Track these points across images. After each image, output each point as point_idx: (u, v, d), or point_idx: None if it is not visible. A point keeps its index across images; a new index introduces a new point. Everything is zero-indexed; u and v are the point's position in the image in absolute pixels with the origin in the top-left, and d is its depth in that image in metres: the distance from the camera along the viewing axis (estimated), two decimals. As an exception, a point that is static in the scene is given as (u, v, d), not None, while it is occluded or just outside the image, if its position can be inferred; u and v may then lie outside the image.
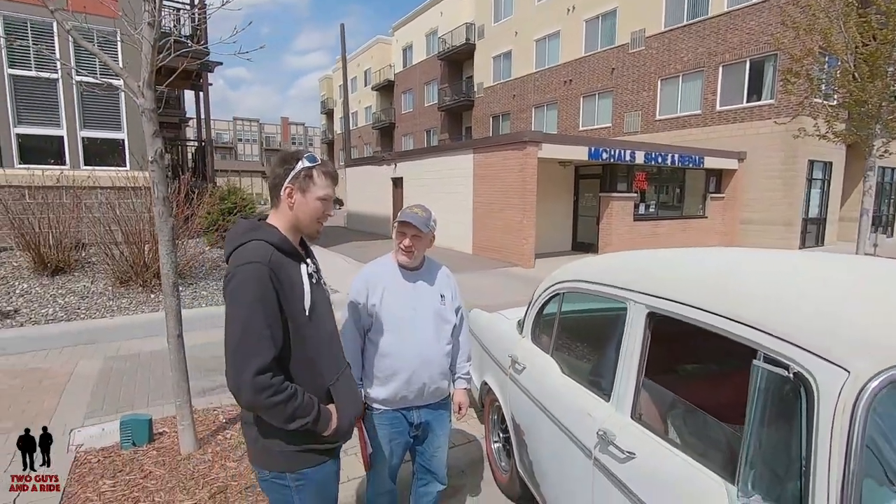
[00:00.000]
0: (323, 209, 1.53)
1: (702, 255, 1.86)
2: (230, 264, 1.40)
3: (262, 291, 1.34)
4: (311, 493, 1.48)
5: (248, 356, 1.30)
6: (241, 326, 1.31)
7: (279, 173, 1.49)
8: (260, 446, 1.45)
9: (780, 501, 1.12)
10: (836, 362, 1.08)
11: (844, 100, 9.23)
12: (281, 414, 1.35)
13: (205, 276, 6.72)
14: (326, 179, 1.52)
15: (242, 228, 1.47)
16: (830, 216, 15.48)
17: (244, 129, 70.04)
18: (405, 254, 2.00)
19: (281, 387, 1.34)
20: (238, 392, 1.32)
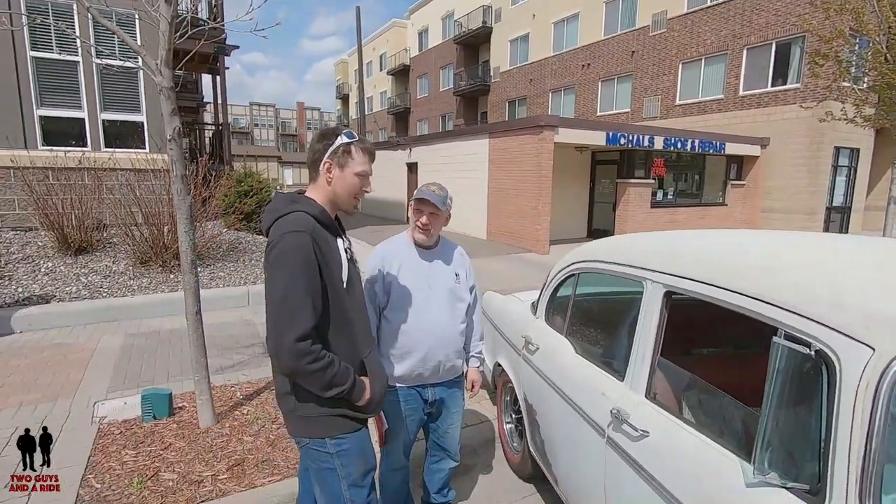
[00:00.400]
0: (360, 185, 1.56)
1: (720, 235, 1.82)
2: (272, 233, 1.43)
3: (305, 259, 1.37)
4: (351, 458, 1.52)
5: (290, 322, 1.34)
6: (283, 293, 1.35)
7: (318, 149, 1.53)
8: (298, 415, 1.49)
9: (797, 480, 1.10)
10: (861, 340, 1.05)
11: (875, 82, 8.90)
12: (319, 380, 1.39)
13: (222, 257, 6.81)
14: (364, 155, 1.55)
15: (283, 200, 1.51)
16: (856, 205, 15.04)
17: (260, 114, 70.35)
18: (422, 231, 2.00)
19: (320, 354, 1.37)
20: (278, 356, 1.35)
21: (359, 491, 1.54)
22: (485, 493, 2.70)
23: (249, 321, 5.36)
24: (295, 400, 1.47)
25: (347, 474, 1.51)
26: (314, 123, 74.65)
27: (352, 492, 1.52)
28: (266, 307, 1.40)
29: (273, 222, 1.45)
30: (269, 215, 1.48)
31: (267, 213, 1.50)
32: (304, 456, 1.58)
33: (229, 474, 2.59)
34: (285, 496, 2.45)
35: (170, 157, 2.70)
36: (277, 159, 42.57)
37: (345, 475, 1.51)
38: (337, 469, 1.50)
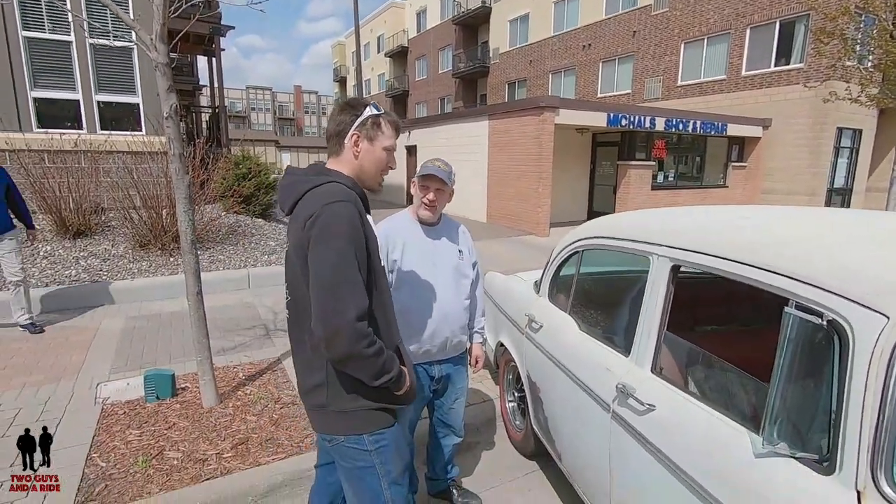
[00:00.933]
0: (387, 160, 1.47)
1: (728, 209, 1.80)
2: (310, 204, 1.28)
3: (354, 231, 1.25)
4: (390, 454, 1.40)
5: (347, 299, 1.20)
6: (335, 268, 1.21)
7: (344, 120, 1.41)
8: (332, 410, 1.35)
9: (806, 450, 1.10)
10: (876, 308, 1.03)
11: (880, 61, 8.78)
12: (373, 366, 1.26)
13: (221, 241, 6.78)
14: (392, 129, 1.46)
15: (308, 172, 1.39)
16: (857, 186, 14.97)
17: (257, 97, 69.55)
18: (428, 208, 1.98)
19: (374, 338, 1.25)
20: (335, 338, 1.19)
21: (399, 489, 1.42)
22: (488, 470, 2.72)
23: (250, 304, 5.35)
24: (329, 393, 1.33)
25: (387, 472, 1.39)
26: (311, 107, 73.89)
27: (393, 490, 1.40)
28: (312, 287, 1.24)
29: (303, 195, 1.32)
30: (291, 189, 1.35)
31: (288, 188, 1.36)
32: (334, 453, 1.42)
33: (233, 453, 2.60)
34: (290, 474, 2.46)
35: (167, 135, 2.65)
36: (275, 143, 42.22)
37: (384, 473, 1.38)
38: (376, 467, 1.37)
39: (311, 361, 1.36)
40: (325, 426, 1.39)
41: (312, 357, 1.36)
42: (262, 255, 6.63)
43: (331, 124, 1.45)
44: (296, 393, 3.26)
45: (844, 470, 1.01)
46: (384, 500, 1.40)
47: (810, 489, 1.05)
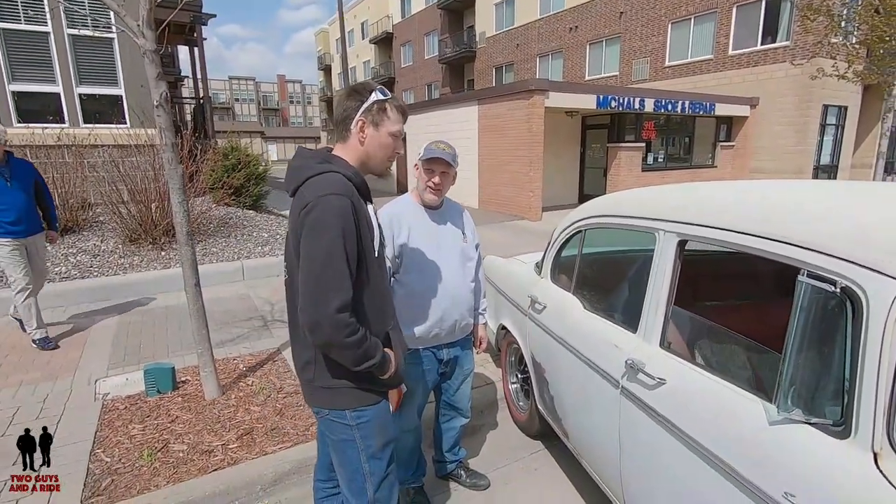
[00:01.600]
0: (394, 145, 1.47)
1: (733, 183, 1.80)
2: (306, 194, 1.31)
3: (345, 225, 1.28)
4: (371, 430, 1.47)
5: (330, 291, 1.26)
6: (323, 260, 1.26)
7: (349, 106, 1.42)
8: (317, 385, 1.43)
9: (821, 415, 1.11)
10: (889, 273, 1.04)
11: (866, 36, 8.83)
12: (352, 354, 1.32)
13: (213, 233, 6.70)
14: (398, 114, 1.46)
15: (312, 157, 1.40)
16: (843, 163, 15.16)
17: (240, 88, 68.36)
18: (434, 192, 1.97)
19: (356, 328, 1.31)
20: (316, 327, 1.27)
21: (378, 463, 1.50)
22: (493, 451, 2.74)
23: (245, 295, 5.31)
24: (317, 370, 1.42)
25: (367, 446, 1.47)
26: (296, 96, 72.85)
27: (371, 464, 1.49)
28: (300, 277, 1.30)
29: (303, 182, 1.34)
30: (296, 173, 1.37)
31: (293, 171, 1.39)
32: (321, 425, 1.53)
33: (239, 443, 2.60)
34: (297, 462, 2.47)
35: (158, 124, 2.59)
36: (261, 134, 41.61)
37: (364, 447, 1.47)
38: (356, 440, 1.46)
39: (303, 339, 1.43)
40: (313, 399, 1.48)
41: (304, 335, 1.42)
42: (255, 246, 6.57)
43: (337, 110, 1.46)
44: (298, 382, 3.24)
45: (860, 433, 1.03)
46: (363, 472, 1.49)
47: (826, 453, 1.07)
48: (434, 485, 2.41)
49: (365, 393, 1.45)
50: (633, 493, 1.69)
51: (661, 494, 1.53)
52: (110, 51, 7.28)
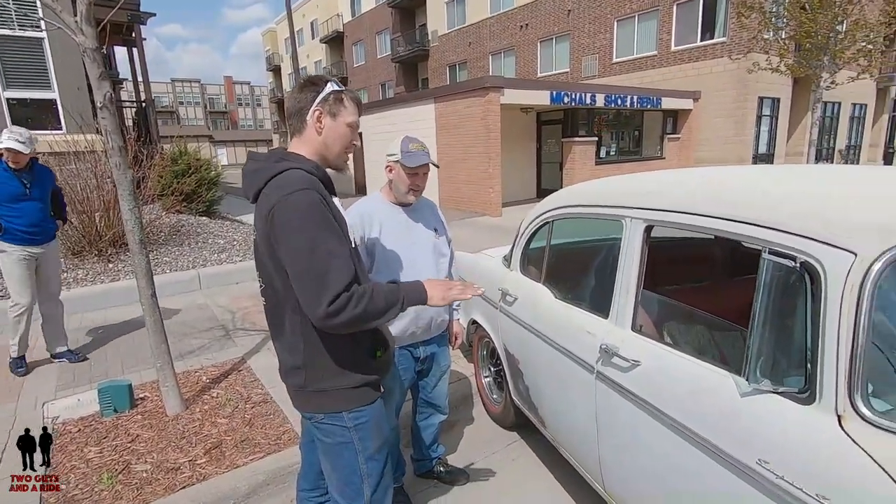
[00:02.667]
0: (351, 137, 1.44)
1: (692, 170, 1.88)
2: (270, 196, 1.26)
3: (319, 216, 1.24)
4: (369, 431, 1.43)
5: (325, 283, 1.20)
6: (308, 255, 1.21)
7: (305, 97, 1.38)
8: (310, 390, 1.38)
9: (788, 384, 1.17)
10: (843, 246, 1.11)
11: (795, 32, 9.42)
12: (374, 310, 1.26)
13: (164, 242, 6.40)
14: (354, 105, 1.43)
15: (267, 159, 1.35)
16: (778, 152, 16.12)
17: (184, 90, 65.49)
18: (415, 194, 1.97)
19: (358, 290, 1.24)
20: (325, 322, 1.22)
21: (375, 464, 1.47)
22: (470, 445, 2.75)
23: (203, 305, 5.10)
24: (307, 375, 1.37)
25: (364, 448, 1.43)
26: (245, 98, 70.57)
27: (369, 465, 1.45)
28: (292, 279, 1.25)
29: (264, 184, 1.29)
30: (254, 177, 1.32)
31: (249, 176, 1.34)
32: (313, 431, 1.47)
33: (208, 458, 2.49)
34: (272, 472, 2.39)
35: (103, 126, 2.44)
36: (209, 138, 40.03)
37: (362, 449, 1.43)
38: (354, 443, 1.41)
39: (290, 344, 1.38)
40: (305, 405, 1.43)
41: (291, 340, 1.38)
42: (210, 254, 6.32)
43: (291, 102, 1.42)
44: (266, 391, 3.15)
45: (824, 398, 1.09)
46: (360, 474, 1.44)
47: (794, 419, 1.13)
48: (413, 483, 2.40)
49: (362, 391, 1.41)
50: (612, 475, 1.74)
51: (640, 473, 1.58)
52: (40, 51, 6.80)
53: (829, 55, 9.04)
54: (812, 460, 1.07)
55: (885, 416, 1.01)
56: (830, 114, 18.57)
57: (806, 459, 1.08)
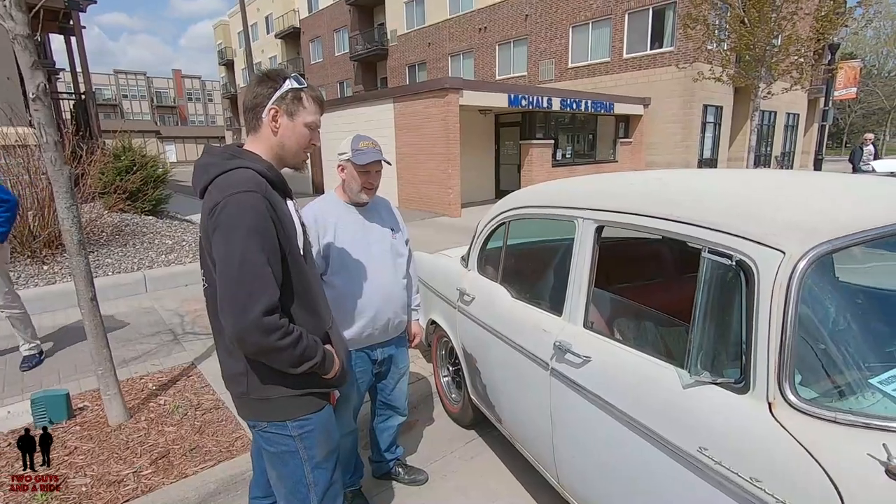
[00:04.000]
0: (310, 137, 1.39)
1: (641, 174, 1.96)
2: (213, 194, 1.22)
3: (260, 223, 1.20)
4: (315, 439, 1.39)
5: (253, 294, 1.17)
6: (241, 261, 1.17)
7: (261, 93, 1.32)
8: (254, 398, 1.33)
9: (725, 375, 1.25)
10: (773, 245, 1.19)
11: (735, 44, 9.99)
12: (289, 357, 1.24)
13: (107, 241, 6.05)
14: (315, 104, 1.37)
15: (220, 155, 1.29)
16: (721, 156, 17.04)
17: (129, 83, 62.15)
18: (369, 192, 1.93)
19: (288, 328, 1.23)
20: (243, 335, 1.18)
21: (322, 473, 1.43)
22: (429, 445, 2.76)
23: (150, 308, 4.86)
24: (250, 382, 1.31)
25: (310, 456, 1.39)
26: (195, 93, 67.78)
27: (315, 474, 1.41)
28: (218, 282, 1.21)
29: (211, 181, 1.24)
30: (203, 171, 1.27)
31: (199, 170, 1.29)
32: (258, 438, 1.42)
33: (154, 468, 2.38)
34: (223, 480, 2.31)
35: (37, 120, 2.28)
36: (156, 134, 38.12)
37: (308, 458, 1.39)
38: (299, 451, 1.37)
39: (231, 350, 1.33)
40: (249, 413, 1.38)
41: (232, 346, 1.33)
42: (157, 255, 6.03)
43: (247, 97, 1.36)
44: (218, 396, 3.04)
45: (757, 387, 1.17)
46: (306, 483, 1.40)
47: (731, 408, 1.21)
48: (372, 485, 2.38)
49: (307, 399, 1.36)
50: (566, 469, 1.79)
51: (591, 465, 1.64)
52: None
53: (765, 67, 9.65)
54: (746, 446, 1.15)
55: (810, 403, 1.09)
56: (767, 122, 19.79)
57: (741, 445, 1.16)
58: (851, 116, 40.18)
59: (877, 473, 0.95)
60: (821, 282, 1.21)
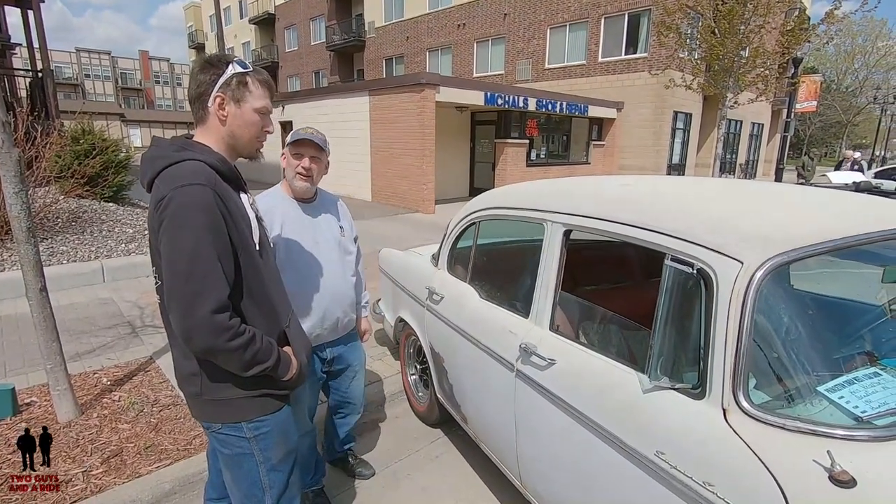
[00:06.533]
0: (262, 123, 1.33)
1: (609, 179, 1.98)
2: (160, 187, 1.17)
3: (209, 217, 1.15)
4: (271, 441, 1.35)
5: (202, 291, 1.13)
6: (189, 257, 1.12)
7: (204, 80, 1.25)
8: (206, 398, 1.29)
9: (684, 381, 1.27)
10: (732, 255, 1.22)
11: (706, 53, 10.27)
12: (240, 359, 1.20)
13: (62, 228, 5.78)
14: (263, 88, 1.31)
15: (168, 146, 1.23)
16: (689, 162, 17.53)
17: (92, 62, 59.38)
18: (304, 178, 1.84)
19: (239, 329, 1.19)
20: (191, 334, 1.14)
21: (278, 475, 1.39)
22: (395, 443, 2.74)
23: (107, 299, 4.67)
24: (203, 382, 1.27)
25: (266, 459, 1.35)
26: (163, 76, 65.35)
27: (271, 476, 1.38)
28: (165, 278, 1.16)
29: (158, 173, 1.19)
30: (150, 164, 1.22)
31: (146, 162, 1.23)
32: (212, 440, 1.38)
33: (106, 467, 2.29)
34: (179, 479, 2.24)
35: (-19, 98, 2.15)
36: (119, 117, 36.66)
37: (263, 459, 1.35)
38: (254, 454, 1.34)
39: (185, 350, 1.28)
40: (202, 414, 1.34)
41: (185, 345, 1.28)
42: (117, 243, 5.80)
43: (191, 86, 1.29)
44: (176, 393, 2.94)
45: (713, 393, 1.20)
46: (261, 485, 1.37)
47: (687, 414, 1.23)
48: (334, 484, 2.35)
49: (263, 400, 1.32)
50: (528, 469, 1.80)
51: (554, 467, 1.65)
52: None
53: (733, 77, 9.96)
54: (700, 450, 1.17)
55: (762, 409, 1.13)
56: (734, 131, 20.47)
57: (695, 450, 1.18)
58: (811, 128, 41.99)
59: (821, 479, 0.98)
60: (776, 291, 1.25)
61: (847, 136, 41.01)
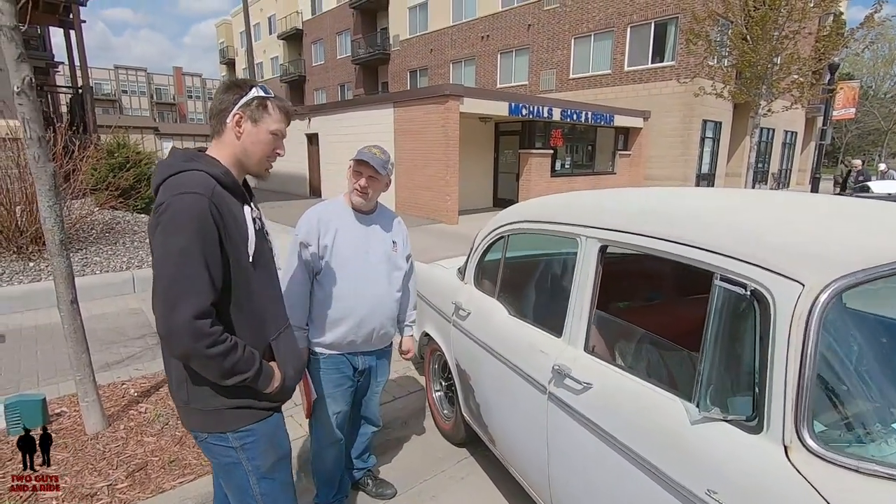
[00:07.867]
0: (274, 145, 1.37)
1: (650, 191, 1.89)
2: (161, 194, 1.22)
3: (202, 225, 1.18)
4: (258, 450, 1.36)
5: (184, 296, 1.15)
6: (176, 262, 1.16)
7: (227, 98, 1.31)
8: (193, 408, 1.31)
9: (737, 412, 1.17)
10: (792, 276, 1.12)
11: (737, 61, 10.01)
12: (217, 368, 1.21)
13: (96, 239, 5.94)
14: (281, 113, 1.37)
15: (178, 157, 1.28)
16: (719, 171, 17.08)
17: (129, 79, 61.93)
18: (360, 195, 1.91)
19: (221, 337, 1.20)
20: (170, 336, 1.16)
21: (270, 483, 1.40)
22: (420, 462, 2.66)
23: (137, 309, 4.75)
24: (189, 391, 1.29)
25: (255, 467, 1.36)
26: (195, 91, 67.63)
27: (262, 485, 1.38)
28: (154, 280, 1.19)
29: (163, 180, 1.23)
30: (158, 174, 1.27)
31: (156, 172, 1.28)
32: (202, 450, 1.40)
33: (130, 482, 2.27)
34: (201, 496, 2.21)
35: (21, 115, 2.19)
36: (154, 130, 37.97)
37: (252, 469, 1.36)
38: (242, 463, 1.35)
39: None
40: (190, 423, 1.36)
41: None
42: (147, 255, 5.91)
43: (214, 102, 1.36)
44: (201, 405, 2.93)
45: (772, 428, 1.09)
46: (252, 494, 1.38)
47: (743, 449, 1.13)
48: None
49: (247, 412, 1.33)
50: (561, 498, 1.70)
51: (589, 497, 1.55)
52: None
53: (766, 84, 9.67)
54: (759, 491, 1.07)
55: (830, 449, 1.02)
56: (766, 139, 19.89)
57: (753, 490, 1.08)
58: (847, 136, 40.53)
59: (905, 532, 0.87)
60: (842, 316, 1.14)
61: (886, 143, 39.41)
